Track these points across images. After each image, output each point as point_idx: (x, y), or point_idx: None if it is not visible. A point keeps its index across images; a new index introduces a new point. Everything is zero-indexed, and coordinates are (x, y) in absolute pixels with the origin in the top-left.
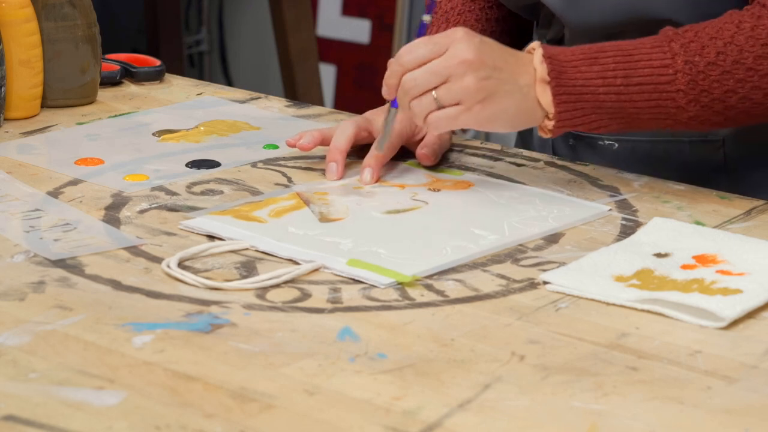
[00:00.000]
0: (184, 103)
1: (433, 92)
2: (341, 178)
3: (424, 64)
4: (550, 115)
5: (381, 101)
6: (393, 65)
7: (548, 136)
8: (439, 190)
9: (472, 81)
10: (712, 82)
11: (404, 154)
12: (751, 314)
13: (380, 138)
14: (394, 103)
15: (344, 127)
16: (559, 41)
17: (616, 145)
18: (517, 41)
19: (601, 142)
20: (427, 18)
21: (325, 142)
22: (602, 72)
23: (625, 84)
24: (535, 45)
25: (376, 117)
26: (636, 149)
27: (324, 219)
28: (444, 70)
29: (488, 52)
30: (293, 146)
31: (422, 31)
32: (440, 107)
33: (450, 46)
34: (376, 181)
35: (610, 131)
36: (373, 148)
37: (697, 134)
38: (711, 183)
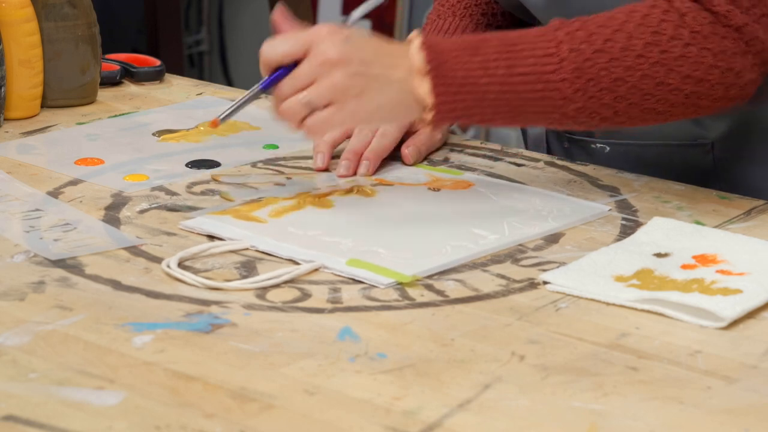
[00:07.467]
0: (184, 103)
1: (301, 95)
2: (327, 168)
3: (286, 58)
4: (429, 106)
5: None
6: (260, 61)
7: (429, 128)
8: (439, 190)
9: (340, 78)
10: (599, 69)
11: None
12: (751, 314)
13: (229, 108)
14: (263, 84)
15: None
16: None
17: (608, 148)
18: None
19: (593, 146)
20: None
21: (335, 144)
22: (484, 62)
23: (508, 74)
24: (413, 35)
25: None
26: (628, 152)
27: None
28: (308, 71)
29: (354, 48)
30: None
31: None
32: (312, 110)
33: (313, 44)
34: (373, 174)
35: (495, 124)
36: (213, 119)
37: (686, 138)
38: (702, 186)
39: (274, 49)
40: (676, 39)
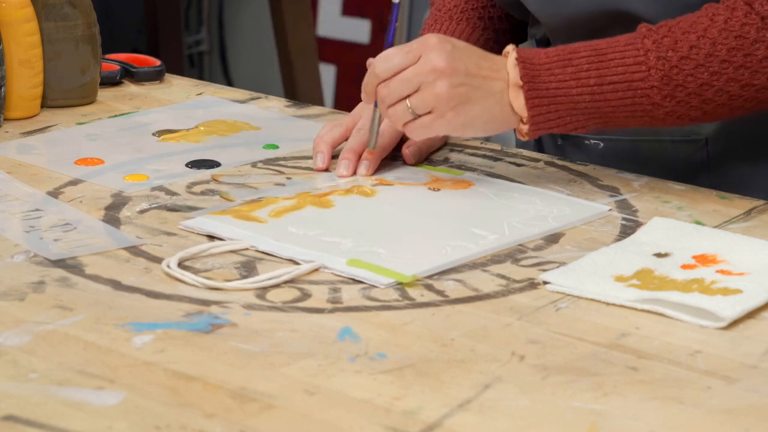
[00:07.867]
0: (184, 103)
1: (407, 101)
2: (327, 168)
3: (398, 72)
4: (524, 119)
5: None
6: (369, 75)
7: (526, 139)
8: (439, 190)
9: (443, 88)
10: (686, 76)
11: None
12: (751, 314)
13: (370, 137)
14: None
15: (333, 126)
16: (547, 41)
17: (602, 144)
18: (516, 39)
19: (587, 142)
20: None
21: (335, 144)
22: (576, 73)
23: (599, 83)
24: (510, 48)
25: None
26: (621, 148)
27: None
28: (415, 77)
29: (460, 58)
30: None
31: (396, 12)
32: (415, 116)
33: (423, 53)
34: (372, 174)
35: (589, 131)
36: (366, 150)
37: (679, 133)
38: (695, 181)
39: (389, 62)
40: (759, 42)
